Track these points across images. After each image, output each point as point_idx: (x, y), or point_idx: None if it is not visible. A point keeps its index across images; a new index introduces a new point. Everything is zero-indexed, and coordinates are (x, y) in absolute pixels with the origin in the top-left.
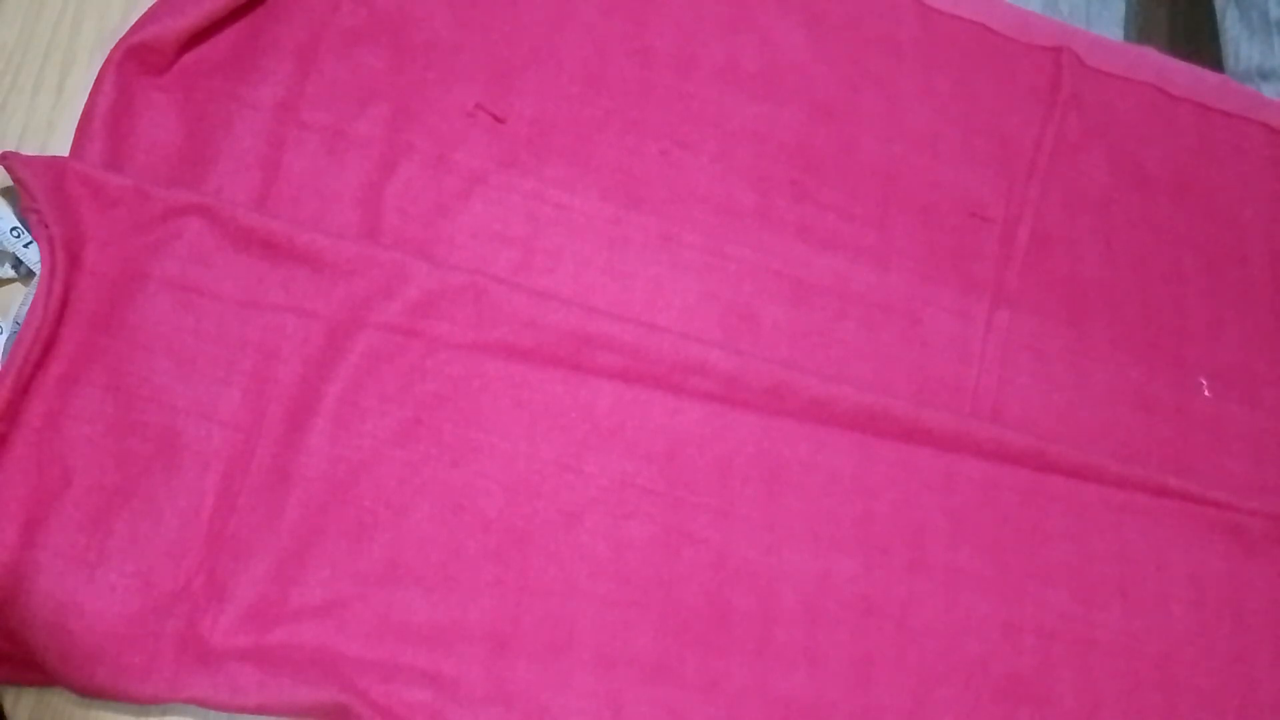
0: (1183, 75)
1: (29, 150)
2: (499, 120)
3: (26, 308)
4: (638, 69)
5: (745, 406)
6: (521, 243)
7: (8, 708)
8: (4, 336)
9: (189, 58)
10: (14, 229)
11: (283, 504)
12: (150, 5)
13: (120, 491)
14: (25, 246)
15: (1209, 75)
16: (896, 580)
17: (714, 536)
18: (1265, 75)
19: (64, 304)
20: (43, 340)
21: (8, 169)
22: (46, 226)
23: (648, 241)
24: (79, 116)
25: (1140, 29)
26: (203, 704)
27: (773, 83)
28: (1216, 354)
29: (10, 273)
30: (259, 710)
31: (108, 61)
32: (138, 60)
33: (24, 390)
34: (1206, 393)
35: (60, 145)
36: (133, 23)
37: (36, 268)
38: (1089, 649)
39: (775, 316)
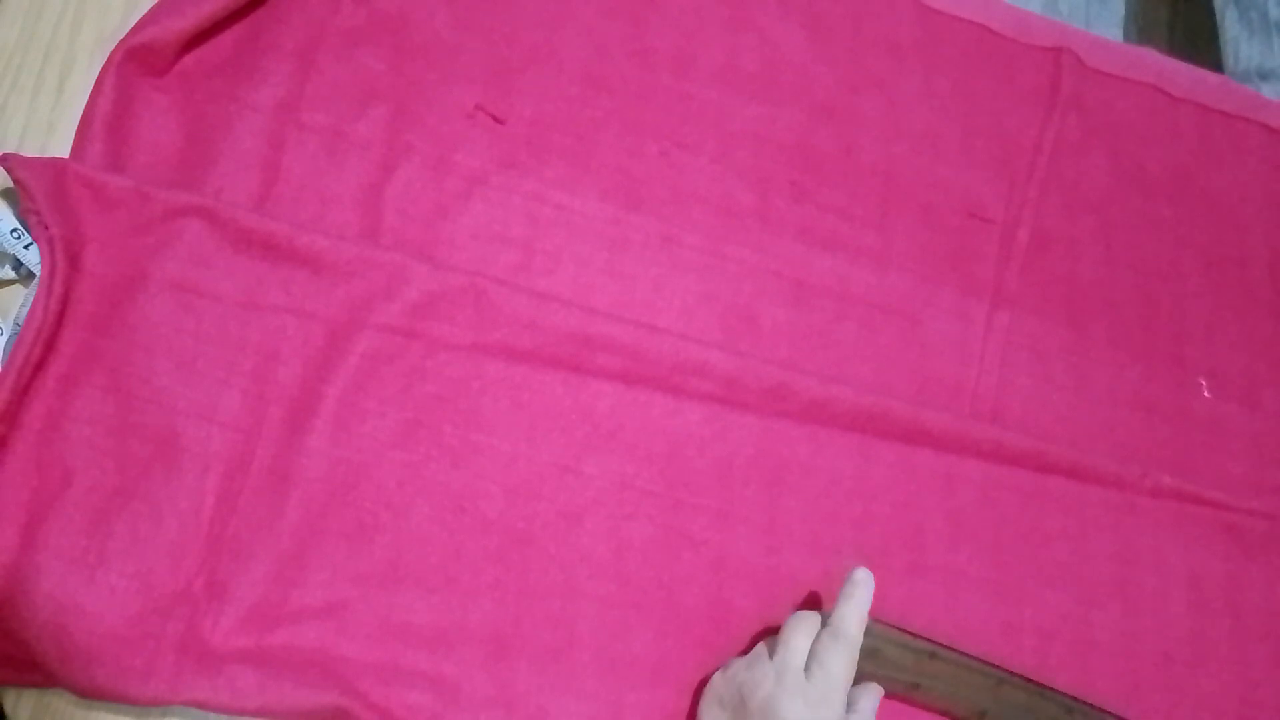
0: (1183, 76)
1: (29, 151)
2: (499, 121)
3: (27, 309)
4: (638, 69)
5: (745, 408)
6: (521, 244)
7: (8, 709)
8: (4, 338)
9: (189, 59)
10: (14, 230)
11: (283, 505)
12: (150, 7)
13: (120, 493)
14: (25, 248)
15: (1209, 75)
16: (896, 581)
17: (714, 538)
18: (1265, 75)
19: (64, 305)
20: (43, 341)
21: (8, 170)
22: (46, 228)
23: (648, 242)
24: (79, 118)
25: (1140, 29)
26: (203, 706)
27: (772, 83)
28: (1216, 354)
29: (10, 274)
30: (259, 712)
31: (108, 63)
32: (138, 62)
33: (24, 391)
34: (1206, 393)
35: (60, 146)
36: (133, 24)
37: (36, 269)
38: (1089, 649)
39: (775, 317)
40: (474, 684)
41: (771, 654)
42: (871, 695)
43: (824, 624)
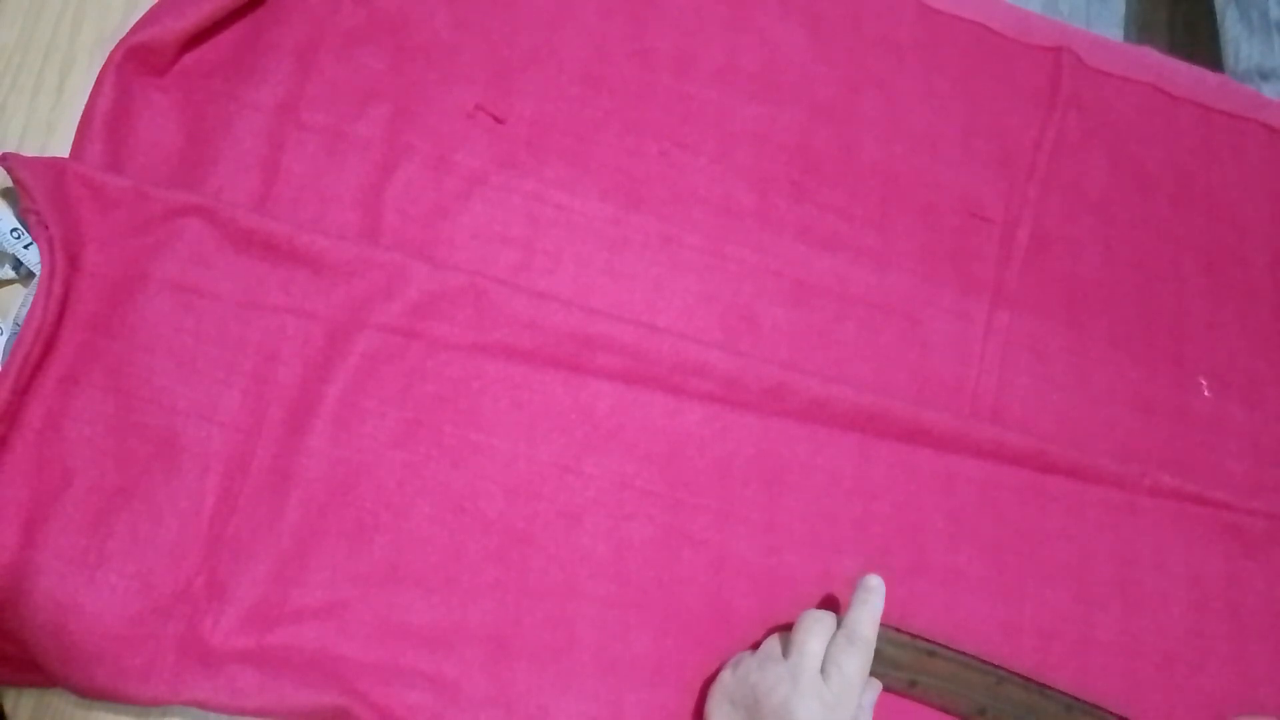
0: (1183, 75)
1: (29, 151)
2: (499, 121)
3: (26, 309)
4: (638, 69)
5: (745, 407)
6: (521, 244)
7: (8, 709)
8: (4, 338)
9: (189, 59)
10: (14, 230)
11: (283, 505)
12: (150, 6)
13: (120, 492)
14: (25, 248)
15: (1209, 75)
16: (896, 581)
17: (714, 538)
18: (1265, 75)
19: (64, 305)
20: (43, 341)
21: (8, 170)
22: (46, 228)
23: (648, 242)
24: (79, 117)
25: (1140, 29)
26: (203, 706)
27: (773, 83)
28: (1216, 354)
29: (10, 274)
30: (259, 712)
31: (108, 63)
32: (138, 61)
33: (24, 391)
34: (1206, 393)
35: (60, 146)
36: (133, 24)
37: (36, 269)
38: (1089, 649)
39: (775, 317)
40: (474, 684)
41: (784, 653)
42: (870, 690)
43: (837, 627)
